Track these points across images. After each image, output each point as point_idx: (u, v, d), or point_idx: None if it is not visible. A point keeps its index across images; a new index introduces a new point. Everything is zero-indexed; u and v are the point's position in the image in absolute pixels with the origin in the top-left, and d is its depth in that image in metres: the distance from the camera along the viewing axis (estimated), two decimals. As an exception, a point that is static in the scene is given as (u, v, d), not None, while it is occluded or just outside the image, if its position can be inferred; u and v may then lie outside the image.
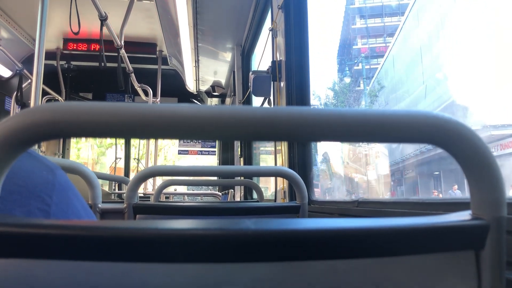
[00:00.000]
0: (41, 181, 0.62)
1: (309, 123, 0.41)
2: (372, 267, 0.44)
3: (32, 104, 1.94)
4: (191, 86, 5.57)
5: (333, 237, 0.43)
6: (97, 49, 4.60)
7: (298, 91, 2.08)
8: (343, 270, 0.43)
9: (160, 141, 6.48)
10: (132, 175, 6.59)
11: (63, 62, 5.30)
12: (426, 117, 0.43)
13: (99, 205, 1.34)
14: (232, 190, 4.70)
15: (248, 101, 4.05)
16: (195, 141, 7.32)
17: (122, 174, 6.75)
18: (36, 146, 3.45)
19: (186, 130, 0.39)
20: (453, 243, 0.46)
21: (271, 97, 2.43)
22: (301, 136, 0.42)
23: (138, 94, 5.01)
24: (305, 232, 0.42)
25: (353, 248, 0.43)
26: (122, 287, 0.40)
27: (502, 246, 0.46)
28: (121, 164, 6.73)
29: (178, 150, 7.34)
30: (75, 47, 4.88)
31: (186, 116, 0.39)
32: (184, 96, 6.03)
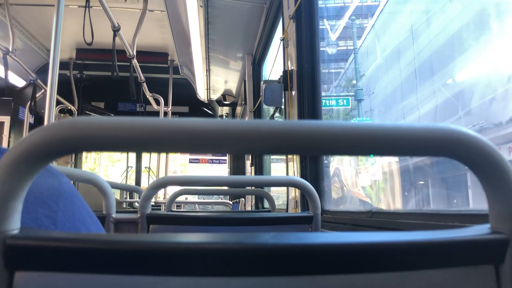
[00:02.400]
0: (47, 188, 0.62)
1: (324, 137, 0.41)
2: (390, 281, 0.44)
3: (46, 113, 1.96)
4: (202, 95, 5.60)
5: (350, 251, 0.43)
6: (109, 58, 4.65)
7: (310, 100, 2.08)
8: (361, 284, 0.43)
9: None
10: (143, 184, 6.62)
11: (75, 72, 5.35)
12: (444, 130, 0.43)
13: (113, 215, 1.35)
14: (243, 199, 4.70)
15: (259, 110, 4.06)
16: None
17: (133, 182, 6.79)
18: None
19: (199, 144, 0.39)
20: (472, 258, 0.45)
21: (283, 106, 2.43)
22: (315, 150, 0.42)
23: (149, 103, 5.04)
24: (323, 247, 0.42)
25: (371, 263, 0.43)
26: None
27: None
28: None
29: (189, 159, 7.36)
30: (88, 57, 4.94)
31: (199, 131, 0.39)
32: (195, 105, 6.05)
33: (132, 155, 6.60)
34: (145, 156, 6.75)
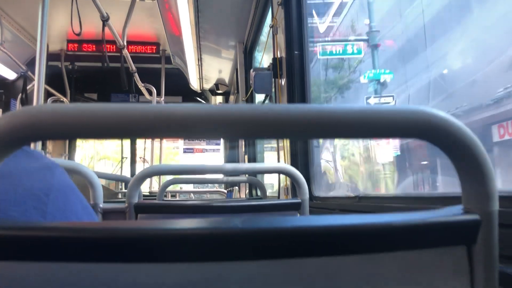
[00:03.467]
0: (38, 180, 0.62)
1: (296, 120, 0.41)
2: (364, 263, 0.44)
3: (35, 104, 1.95)
4: (195, 84, 5.58)
5: (323, 234, 0.43)
6: (100, 49, 4.63)
7: (299, 87, 2.08)
8: (335, 266, 0.44)
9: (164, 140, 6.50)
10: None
11: (67, 63, 5.32)
12: (414, 112, 0.43)
13: (101, 205, 1.35)
14: (237, 187, 4.71)
15: (251, 98, 4.06)
16: (200, 139, 7.33)
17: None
18: (40, 148, 3.48)
19: (184, 129, 0.39)
20: (445, 239, 0.46)
21: (273, 94, 2.43)
22: (286, 133, 0.42)
23: (142, 94, 5.02)
24: (295, 230, 0.42)
25: (344, 245, 0.43)
26: (115, 287, 0.41)
27: (494, 240, 0.45)
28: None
29: (183, 149, 7.36)
30: (79, 48, 4.91)
31: (183, 115, 0.39)
32: (188, 94, 6.04)
33: (127, 147, 6.59)
34: (139, 147, 6.74)
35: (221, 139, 7.09)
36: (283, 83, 2.19)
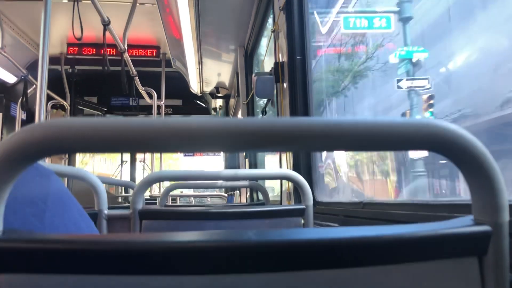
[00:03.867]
0: (35, 187, 0.63)
1: (304, 133, 0.41)
2: (376, 275, 0.44)
3: (37, 109, 1.95)
4: (195, 87, 5.57)
5: (336, 246, 0.43)
6: (101, 53, 4.63)
7: (301, 92, 2.08)
8: (347, 279, 0.44)
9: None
10: (138, 179, 6.61)
11: (67, 67, 5.32)
12: (425, 124, 0.43)
13: (105, 212, 1.35)
14: (238, 191, 4.70)
15: (252, 102, 4.06)
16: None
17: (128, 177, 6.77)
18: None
19: (189, 144, 0.39)
20: (456, 250, 0.46)
21: (274, 99, 2.43)
22: (299, 146, 0.42)
23: (142, 97, 5.02)
24: (308, 242, 0.42)
25: (356, 257, 0.43)
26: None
27: (504, 251, 0.45)
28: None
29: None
30: (79, 52, 4.91)
31: (188, 130, 0.39)
32: (188, 98, 6.03)
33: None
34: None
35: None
36: (285, 87, 2.20)
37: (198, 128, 0.38)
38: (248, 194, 4.26)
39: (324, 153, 2.42)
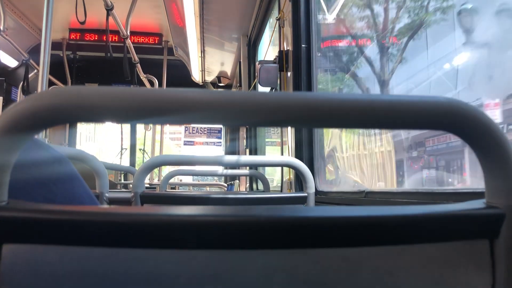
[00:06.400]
0: (47, 170, 0.63)
1: (318, 108, 0.40)
2: (384, 255, 0.44)
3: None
4: (196, 76, 5.56)
5: (345, 225, 0.42)
6: (103, 39, 4.60)
7: (306, 81, 2.07)
8: (355, 258, 0.43)
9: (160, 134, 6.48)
10: (137, 166, 6.61)
11: (69, 52, 5.30)
12: (440, 103, 0.42)
13: (106, 194, 1.34)
14: (238, 180, 4.71)
15: (254, 92, 4.04)
16: (201, 132, 7.33)
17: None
18: (42, 136, 3.47)
19: (191, 114, 0.38)
20: (467, 232, 0.45)
21: (278, 88, 2.42)
22: (309, 122, 0.41)
23: (144, 85, 5.01)
24: (317, 220, 0.42)
25: (365, 236, 0.43)
26: (134, 273, 0.40)
27: None
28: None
29: (184, 141, 7.36)
30: (81, 37, 4.89)
31: (191, 100, 0.38)
32: (190, 86, 6.01)
33: (127, 138, 6.58)
34: (139, 138, 6.73)
35: (223, 132, 7.08)
36: (289, 76, 2.18)
37: (212, 98, 0.38)
38: (248, 184, 4.26)
39: (326, 144, 2.41)
